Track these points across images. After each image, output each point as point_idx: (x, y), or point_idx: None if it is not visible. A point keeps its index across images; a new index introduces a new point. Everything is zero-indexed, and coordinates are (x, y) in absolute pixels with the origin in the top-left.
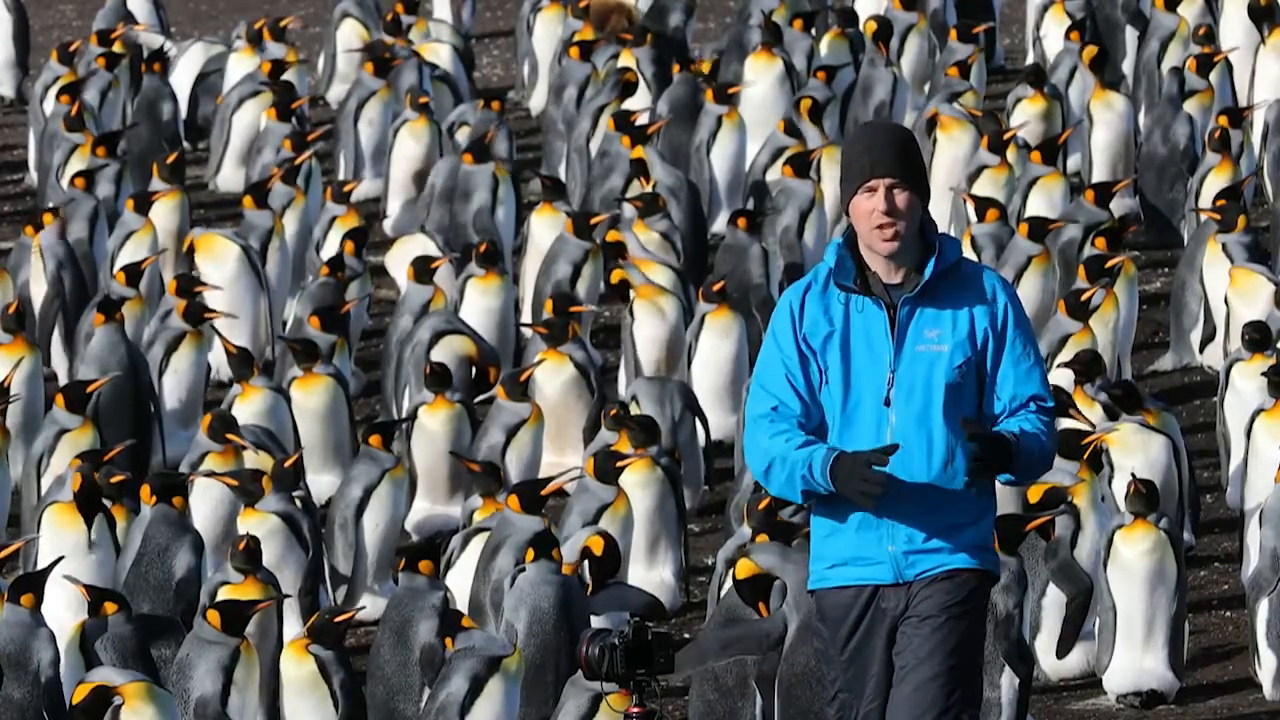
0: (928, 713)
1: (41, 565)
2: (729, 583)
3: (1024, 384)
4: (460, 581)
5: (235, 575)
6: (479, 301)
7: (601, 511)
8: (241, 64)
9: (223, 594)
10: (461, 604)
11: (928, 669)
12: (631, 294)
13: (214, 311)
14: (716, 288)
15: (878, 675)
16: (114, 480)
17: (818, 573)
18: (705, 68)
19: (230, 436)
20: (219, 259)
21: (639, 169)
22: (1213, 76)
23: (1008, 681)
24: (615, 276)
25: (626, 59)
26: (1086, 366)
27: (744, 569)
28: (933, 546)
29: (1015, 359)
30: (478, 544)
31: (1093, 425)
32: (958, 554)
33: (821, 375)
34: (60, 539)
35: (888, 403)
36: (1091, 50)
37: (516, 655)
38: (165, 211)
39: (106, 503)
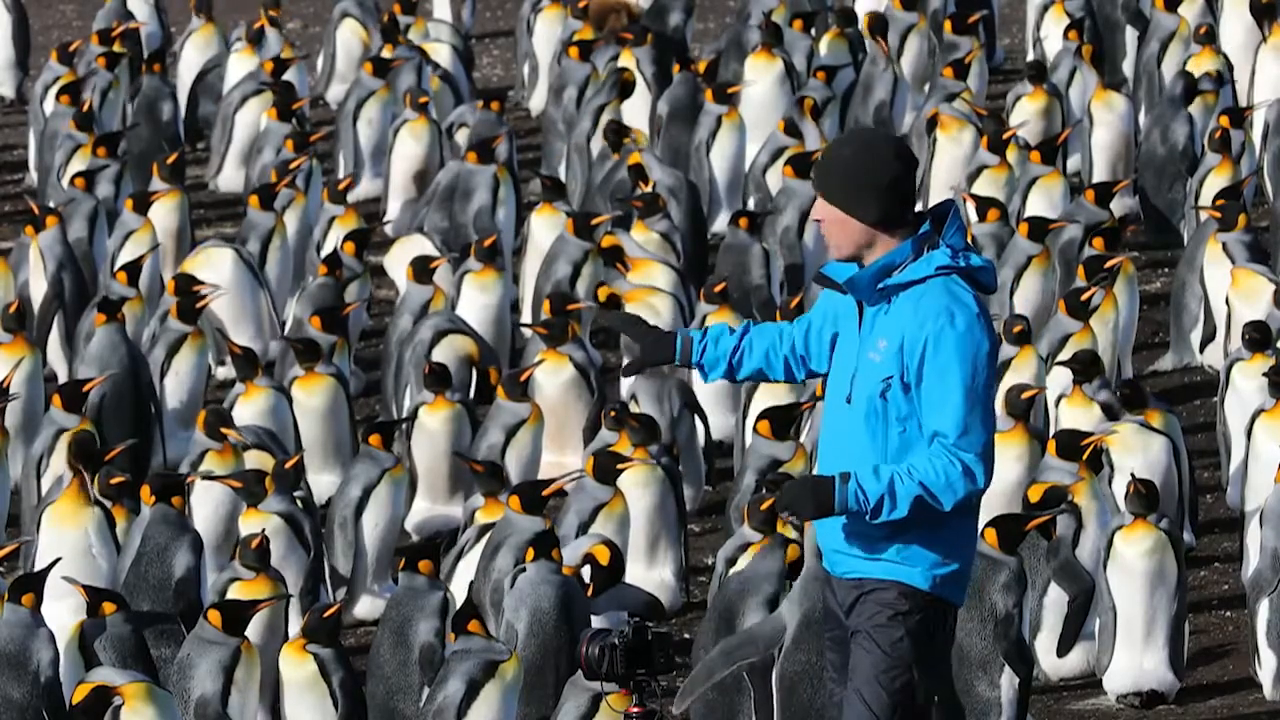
0: None
1: (40, 566)
2: (727, 574)
3: (931, 417)
4: (467, 576)
5: (245, 573)
6: (476, 298)
7: (598, 511)
8: (241, 64)
9: (233, 591)
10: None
11: (852, 684)
12: (624, 304)
13: (206, 298)
14: (718, 289)
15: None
16: (114, 481)
17: None
18: (704, 67)
19: (226, 431)
20: (215, 266)
21: (637, 174)
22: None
23: (1008, 681)
24: (603, 294)
25: (626, 59)
26: (1085, 366)
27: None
28: (850, 550)
29: (928, 389)
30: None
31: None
32: (871, 563)
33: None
34: (60, 538)
35: (849, 400)
36: (1089, 49)
37: (514, 661)
38: (165, 211)
39: (106, 503)
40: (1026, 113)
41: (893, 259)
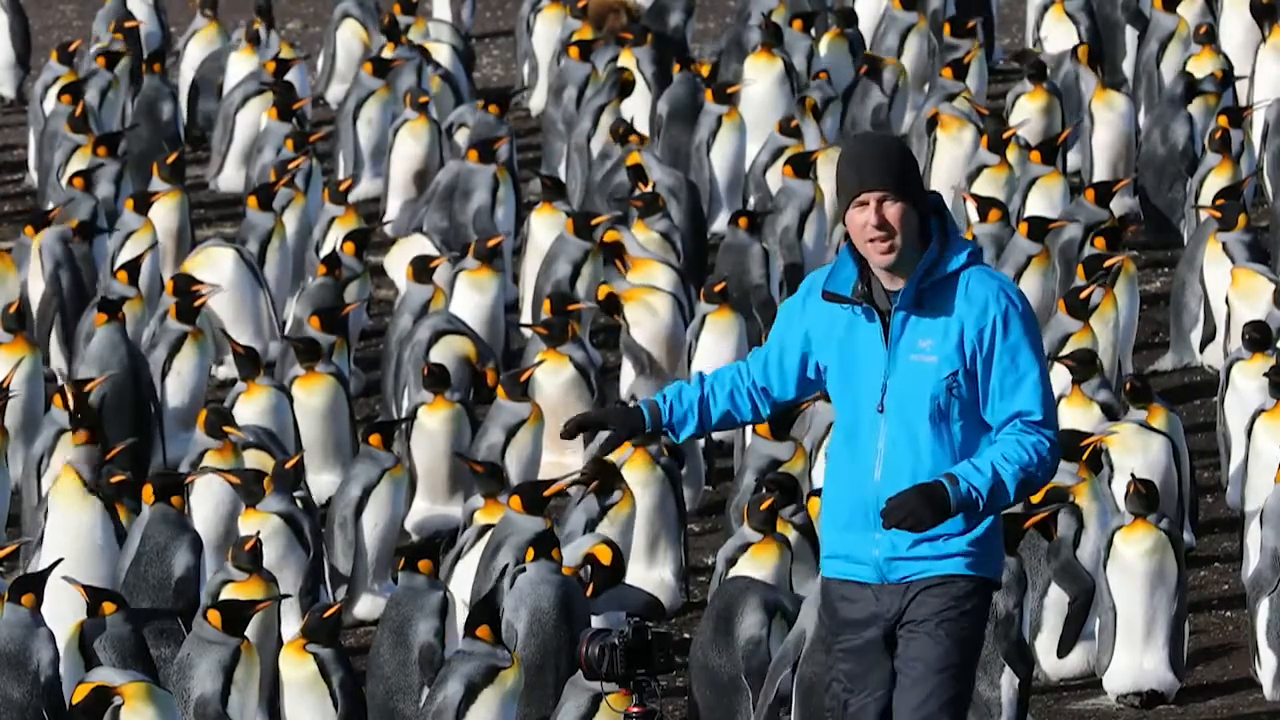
0: (913, 715)
1: (46, 552)
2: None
3: (1009, 399)
4: (467, 577)
5: (238, 574)
6: (470, 297)
7: (605, 511)
8: (242, 63)
9: (226, 593)
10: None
11: (914, 674)
12: (623, 304)
13: (204, 297)
14: (718, 288)
15: (874, 673)
16: (114, 480)
17: (822, 559)
18: (705, 69)
19: (227, 429)
20: (215, 266)
21: (637, 174)
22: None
23: (1008, 681)
24: (602, 292)
25: (626, 59)
26: (1082, 365)
27: None
28: (916, 554)
29: (1002, 372)
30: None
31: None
32: (944, 560)
33: (812, 365)
34: (65, 518)
35: (881, 409)
36: (1086, 49)
37: (515, 668)
38: (165, 211)
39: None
40: (1027, 112)
41: (931, 255)
